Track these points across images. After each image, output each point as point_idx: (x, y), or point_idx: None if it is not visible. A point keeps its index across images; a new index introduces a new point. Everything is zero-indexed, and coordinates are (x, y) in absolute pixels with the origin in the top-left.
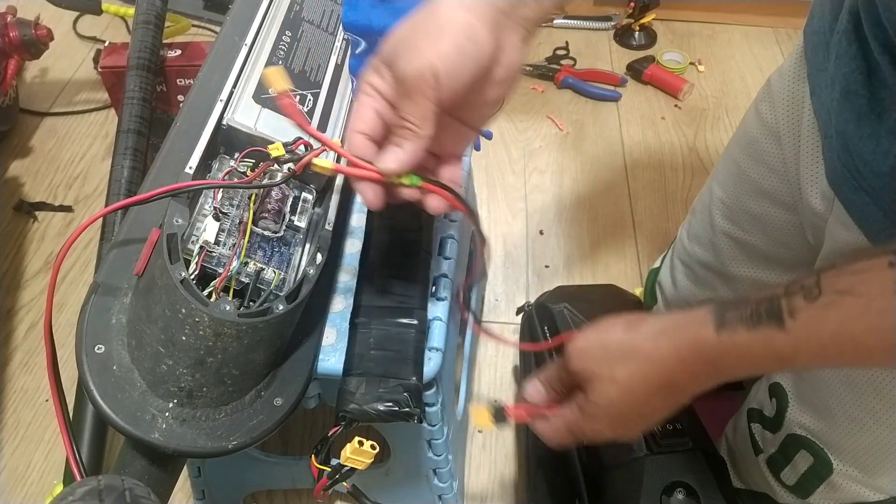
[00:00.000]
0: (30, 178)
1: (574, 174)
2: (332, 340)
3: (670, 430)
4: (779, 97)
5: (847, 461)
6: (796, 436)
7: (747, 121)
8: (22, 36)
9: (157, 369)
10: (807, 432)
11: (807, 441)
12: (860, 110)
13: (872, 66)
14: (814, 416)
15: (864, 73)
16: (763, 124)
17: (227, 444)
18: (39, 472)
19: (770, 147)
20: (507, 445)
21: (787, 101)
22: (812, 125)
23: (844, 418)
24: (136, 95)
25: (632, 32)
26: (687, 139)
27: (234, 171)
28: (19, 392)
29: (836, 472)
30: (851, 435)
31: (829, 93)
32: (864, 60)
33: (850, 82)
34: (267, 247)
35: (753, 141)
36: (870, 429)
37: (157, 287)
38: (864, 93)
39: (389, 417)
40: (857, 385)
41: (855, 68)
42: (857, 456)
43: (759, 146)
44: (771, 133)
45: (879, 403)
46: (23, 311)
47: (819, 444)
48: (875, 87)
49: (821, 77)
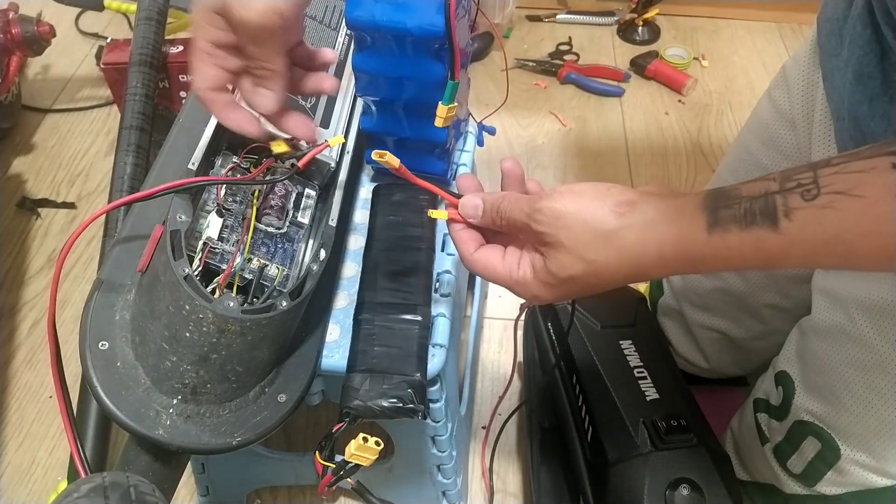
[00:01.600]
0: (32, 174)
1: (577, 170)
2: (336, 337)
3: (675, 426)
4: (794, 82)
5: (855, 445)
6: (803, 422)
7: (760, 108)
8: (24, 32)
9: (161, 366)
10: (814, 418)
11: (814, 427)
12: (873, 92)
13: (885, 49)
14: (820, 401)
15: (878, 56)
16: (777, 110)
17: (232, 440)
18: (44, 468)
19: (784, 133)
20: (510, 441)
21: (802, 87)
22: (825, 110)
23: (851, 400)
24: (138, 92)
25: (635, 28)
26: (690, 135)
27: (237, 167)
28: (23, 389)
29: (844, 457)
30: (859, 417)
31: (841, 76)
32: (878, 44)
33: (863, 65)
34: (270, 243)
35: (767, 127)
36: (877, 409)
37: (161, 284)
38: (878, 75)
39: (393, 414)
40: (863, 365)
41: (869, 51)
42: (865, 439)
43: (772, 132)
44: (785, 119)
45: (886, 382)
46: (26, 308)
47: (826, 429)
48: (887, 70)
49: (834, 62)
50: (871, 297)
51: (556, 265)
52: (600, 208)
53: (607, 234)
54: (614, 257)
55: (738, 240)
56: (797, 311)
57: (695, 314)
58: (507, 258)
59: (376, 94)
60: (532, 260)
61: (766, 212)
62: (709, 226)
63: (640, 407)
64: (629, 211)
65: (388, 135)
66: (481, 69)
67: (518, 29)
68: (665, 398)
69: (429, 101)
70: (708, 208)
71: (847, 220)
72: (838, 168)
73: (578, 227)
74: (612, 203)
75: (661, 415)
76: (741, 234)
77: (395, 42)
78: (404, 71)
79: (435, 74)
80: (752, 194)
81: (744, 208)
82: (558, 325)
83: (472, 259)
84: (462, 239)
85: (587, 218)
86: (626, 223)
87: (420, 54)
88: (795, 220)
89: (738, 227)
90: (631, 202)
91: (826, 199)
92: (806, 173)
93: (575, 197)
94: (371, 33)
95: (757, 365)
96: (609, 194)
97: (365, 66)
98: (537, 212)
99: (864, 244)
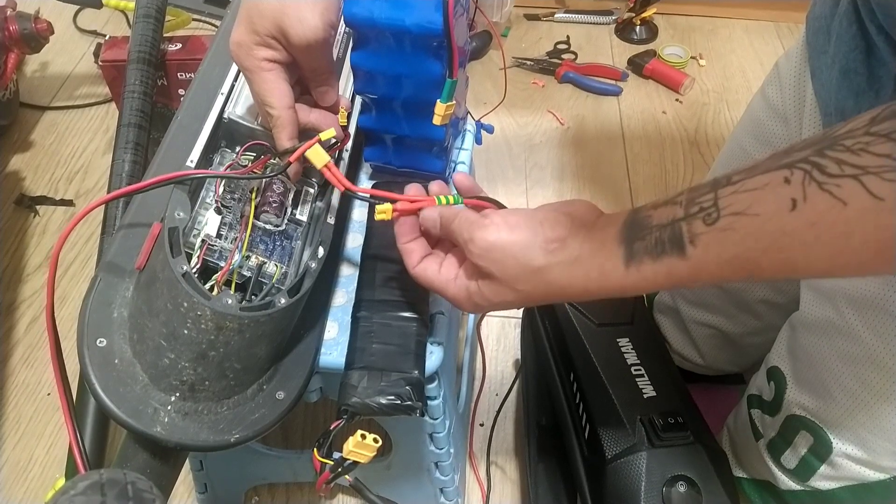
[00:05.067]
0: (30, 172)
1: (575, 169)
2: (334, 334)
3: (671, 423)
4: (786, 78)
5: (846, 439)
6: (795, 416)
7: (754, 104)
8: (22, 30)
9: (159, 363)
10: (805, 412)
11: (806, 421)
12: (859, 87)
13: (871, 45)
14: (811, 395)
15: (864, 52)
16: (770, 106)
17: (230, 437)
18: (41, 466)
19: (776, 128)
20: (508, 439)
21: (793, 82)
22: (814, 106)
23: (842, 394)
24: (136, 89)
25: (633, 27)
26: (688, 133)
27: (235, 164)
28: (20, 386)
29: (836, 451)
30: (849, 411)
31: (829, 72)
32: (864, 40)
33: (849, 61)
34: (269, 240)
35: (759, 123)
36: (867, 403)
37: (159, 281)
38: (863, 70)
39: (391, 411)
40: (853, 359)
41: (854, 47)
42: (856, 433)
43: (765, 128)
44: (777, 114)
45: (876, 375)
46: (24, 306)
47: (818, 423)
48: (873, 66)
49: (822, 59)
50: (859, 291)
51: (489, 291)
52: (531, 245)
53: (536, 269)
54: (542, 289)
55: (651, 270)
56: (791, 306)
57: (690, 310)
58: (443, 271)
59: (375, 91)
60: (468, 284)
61: (674, 240)
62: (626, 260)
63: (637, 404)
64: (558, 248)
65: (387, 132)
66: (479, 68)
67: (516, 28)
68: (662, 396)
69: (427, 99)
70: (625, 241)
71: (746, 239)
72: (737, 187)
73: (509, 261)
74: (543, 240)
75: (658, 412)
76: (654, 266)
77: (394, 40)
78: (403, 69)
79: (433, 72)
80: (662, 222)
81: (654, 238)
82: (555, 323)
83: (413, 272)
84: (407, 250)
85: (517, 253)
86: (553, 261)
87: (418, 52)
88: (699, 245)
89: (650, 259)
90: (560, 239)
91: (725, 221)
92: (707, 195)
93: (509, 230)
94: (369, 31)
95: (752, 361)
96: (541, 229)
97: (363, 64)
98: (471, 241)
99: (766, 259)
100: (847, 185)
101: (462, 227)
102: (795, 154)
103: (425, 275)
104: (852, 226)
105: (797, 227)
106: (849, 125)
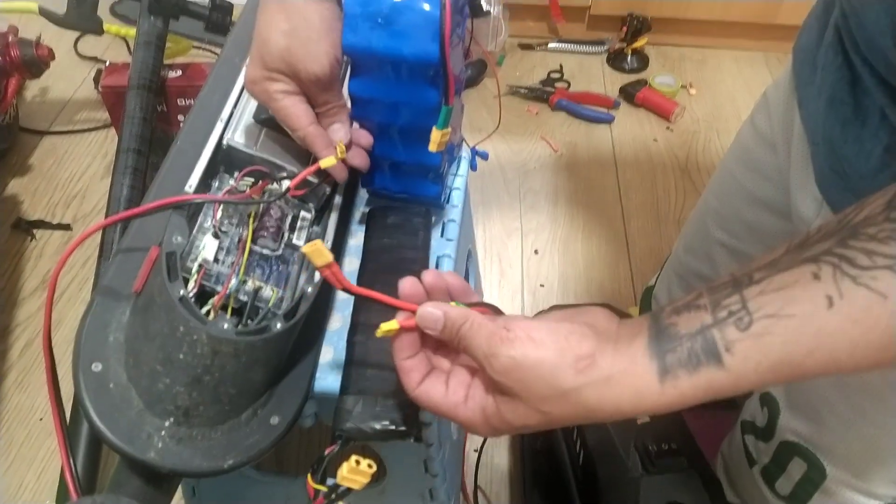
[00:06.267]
0: (28, 196)
1: (568, 195)
2: (330, 359)
3: (666, 450)
4: (774, 107)
5: (840, 466)
6: (789, 442)
7: (743, 133)
8: (23, 55)
9: (153, 387)
10: (799, 438)
11: (799, 447)
12: (845, 117)
13: (856, 76)
14: (804, 422)
15: (849, 83)
16: (758, 135)
17: (223, 463)
18: (32, 492)
19: (765, 156)
20: (503, 465)
21: (781, 111)
22: (801, 135)
23: (834, 420)
24: (136, 115)
25: (624, 56)
26: (679, 161)
27: (233, 189)
28: (13, 410)
29: (830, 477)
30: (842, 437)
31: (815, 102)
32: (849, 71)
33: (835, 90)
34: (265, 265)
35: (748, 151)
36: (860, 429)
37: (156, 305)
38: (849, 100)
39: (386, 436)
40: (845, 386)
41: (840, 77)
42: (850, 459)
43: (753, 155)
44: (766, 143)
45: (868, 402)
46: (19, 329)
47: (811, 449)
48: (859, 96)
49: (808, 90)
50: None
51: (510, 414)
52: (560, 365)
53: (566, 392)
54: (570, 410)
55: (689, 385)
56: None
57: None
58: (451, 395)
59: (372, 118)
60: (483, 404)
61: (708, 350)
62: (660, 375)
63: (631, 431)
64: (588, 367)
65: (383, 158)
66: (475, 95)
67: (511, 57)
68: (656, 422)
69: (423, 126)
70: (656, 355)
71: (787, 343)
72: (762, 287)
73: (536, 382)
74: (572, 358)
75: (653, 439)
76: (691, 379)
77: (392, 68)
78: (399, 96)
79: (430, 100)
80: (690, 331)
81: (686, 350)
82: None
83: (414, 395)
84: (405, 369)
85: (545, 374)
86: (585, 381)
87: (415, 80)
88: (737, 353)
89: (686, 373)
90: (590, 356)
91: (760, 325)
92: (732, 297)
93: (534, 347)
94: (368, 60)
95: None
96: (568, 346)
97: (361, 91)
98: (493, 357)
99: (811, 361)
100: (883, 277)
101: (478, 337)
102: (816, 247)
103: (428, 398)
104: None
105: (840, 326)
106: (864, 211)
